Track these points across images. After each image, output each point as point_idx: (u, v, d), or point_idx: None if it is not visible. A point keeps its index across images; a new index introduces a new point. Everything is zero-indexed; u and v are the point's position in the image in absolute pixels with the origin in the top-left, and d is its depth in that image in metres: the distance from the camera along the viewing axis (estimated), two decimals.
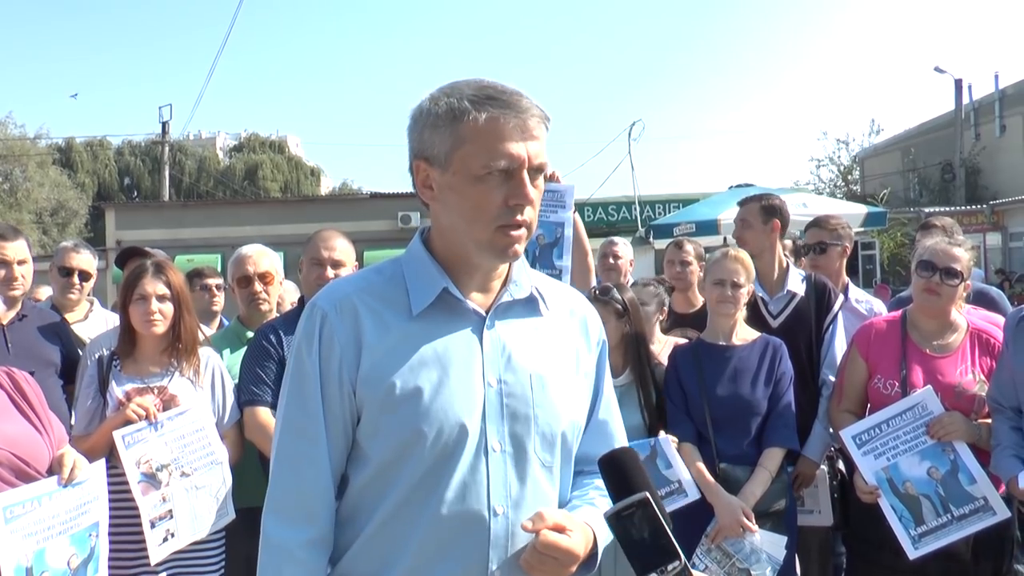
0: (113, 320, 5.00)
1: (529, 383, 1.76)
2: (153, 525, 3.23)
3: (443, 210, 1.74)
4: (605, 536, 1.78)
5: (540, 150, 1.69)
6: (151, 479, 3.28)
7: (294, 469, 1.74)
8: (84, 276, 4.72)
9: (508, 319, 1.80)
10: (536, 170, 1.69)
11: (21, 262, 4.11)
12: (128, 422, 3.32)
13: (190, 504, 3.35)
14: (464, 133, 1.65)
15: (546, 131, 1.71)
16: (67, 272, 4.68)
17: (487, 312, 1.77)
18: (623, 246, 5.94)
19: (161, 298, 3.49)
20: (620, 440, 2.00)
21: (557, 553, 1.65)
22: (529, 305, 1.83)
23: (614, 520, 1.58)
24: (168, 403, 3.47)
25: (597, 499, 1.84)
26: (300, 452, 1.74)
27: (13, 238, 4.17)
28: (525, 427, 1.74)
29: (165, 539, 3.26)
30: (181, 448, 3.38)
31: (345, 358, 1.71)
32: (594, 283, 4.54)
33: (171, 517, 3.28)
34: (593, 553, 1.75)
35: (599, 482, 1.85)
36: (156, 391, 3.49)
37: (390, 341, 1.71)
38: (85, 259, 4.73)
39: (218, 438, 3.51)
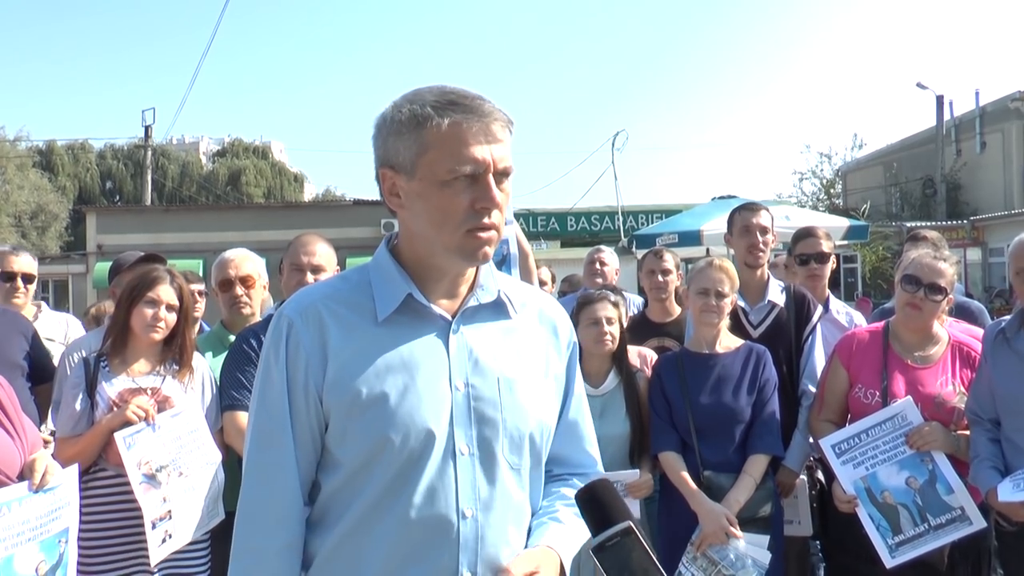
0: (71, 321, 5.00)
1: (497, 386, 1.76)
2: (154, 526, 3.24)
3: (411, 217, 1.74)
4: (570, 552, 1.81)
5: (505, 154, 1.69)
6: (151, 480, 3.29)
7: (264, 476, 1.75)
8: (27, 279, 4.68)
9: (475, 323, 1.80)
10: (501, 174, 1.69)
11: None
12: (126, 423, 3.30)
13: (187, 504, 3.36)
14: (428, 139, 1.66)
15: (510, 135, 1.72)
16: (8, 277, 4.63)
17: (453, 317, 1.77)
18: (609, 254, 5.99)
19: (169, 307, 3.52)
20: (590, 440, 2.02)
21: None
22: (497, 309, 1.84)
23: (599, 551, 1.58)
24: (162, 404, 3.47)
25: (562, 512, 1.86)
26: (269, 459, 1.74)
27: None
28: (493, 430, 1.74)
29: (164, 540, 3.27)
30: (178, 449, 3.39)
31: (311, 365, 1.71)
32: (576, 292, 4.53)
33: (170, 518, 3.30)
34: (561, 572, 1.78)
35: (566, 490, 1.90)
36: (149, 392, 3.48)
37: (355, 347, 1.72)
38: (25, 262, 4.69)
39: (211, 439, 3.52)
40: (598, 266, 5.92)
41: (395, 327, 1.74)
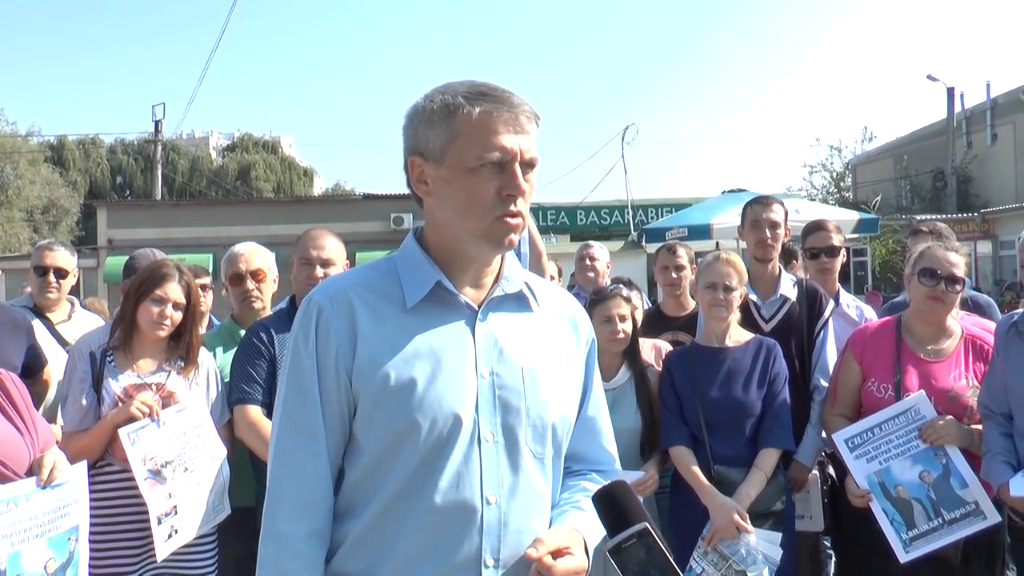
0: (96, 321, 4.93)
1: (521, 375, 1.78)
2: (159, 521, 3.24)
3: (438, 204, 1.77)
4: (593, 538, 1.82)
5: (531, 145, 1.73)
6: (156, 475, 3.29)
7: (294, 462, 1.75)
8: (60, 274, 4.60)
9: (500, 313, 1.83)
10: (527, 164, 1.72)
11: None
12: (131, 419, 3.31)
13: (193, 500, 3.36)
14: (458, 127, 1.69)
15: (536, 128, 1.75)
16: (43, 271, 4.57)
17: (480, 306, 1.79)
18: (598, 248, 6.05)
19: (176, 306, 3.52)
20: (608, 438, 2.03)
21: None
22: (520, 301, 1.86)
23: (615, 552, 1.59)
24: (166, 400, 3.47)
25: (584, 502, 1.87)
26: (299, 445, 1.75)
27: None
28: (517, 419, 1.76)
29: (170, 535, 3.27)
30: (183, 444, 3.39)
31: (341, 350, 1.73)
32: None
33: (176, 513, 3.30)
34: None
35: (586, 483, 1.91)
36: (155, 388, 3.49)
37: (385, 333, 1.73)
38: (62, 257, 4.62)
39: (216, 434, 3.52)
40: (588, 261, 6.01)
41: (423, 315, 1.76)
